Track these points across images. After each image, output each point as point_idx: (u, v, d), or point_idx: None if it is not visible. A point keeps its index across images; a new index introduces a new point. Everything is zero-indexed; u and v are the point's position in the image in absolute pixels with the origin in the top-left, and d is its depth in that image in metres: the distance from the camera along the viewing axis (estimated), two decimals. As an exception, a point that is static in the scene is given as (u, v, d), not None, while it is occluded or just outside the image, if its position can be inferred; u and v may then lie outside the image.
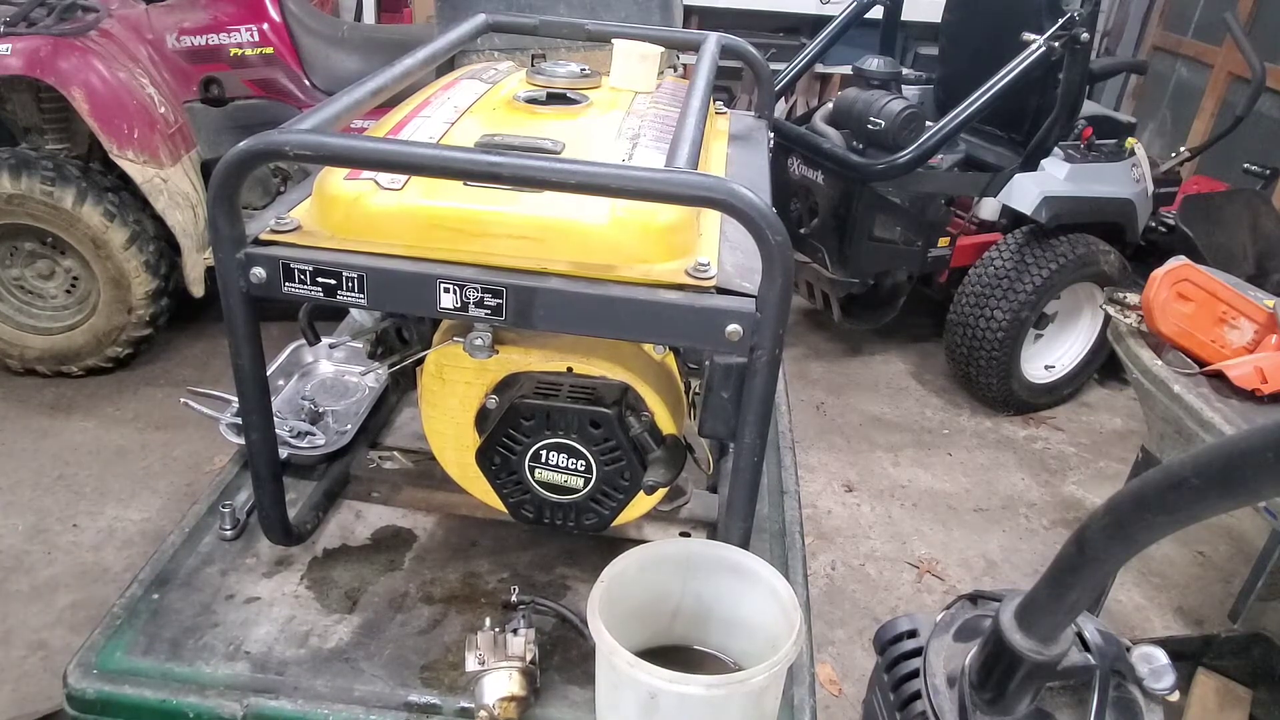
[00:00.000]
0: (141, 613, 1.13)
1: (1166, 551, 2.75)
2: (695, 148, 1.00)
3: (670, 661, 0.88)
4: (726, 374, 0.98)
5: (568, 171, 0.88)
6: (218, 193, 0.93)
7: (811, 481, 2.95)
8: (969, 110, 2.96)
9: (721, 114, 1.62)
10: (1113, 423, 3.46)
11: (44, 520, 2.49)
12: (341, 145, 0.90)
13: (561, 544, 1.29)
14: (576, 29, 1.53)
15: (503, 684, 0.97)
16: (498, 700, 0.97)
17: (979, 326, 3.19)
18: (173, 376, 3.19)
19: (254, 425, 1.08)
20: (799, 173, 3.30)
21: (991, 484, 3.04)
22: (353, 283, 0.97)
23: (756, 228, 0.87)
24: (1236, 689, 1.93)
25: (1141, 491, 0.66)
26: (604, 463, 1.09)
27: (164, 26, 3.08)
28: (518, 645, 1.00)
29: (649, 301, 0.95)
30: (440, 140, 1.14)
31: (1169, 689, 0.83)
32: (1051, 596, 0.76)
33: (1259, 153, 4.01)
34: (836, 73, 5.16)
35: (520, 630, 1.02)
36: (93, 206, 2.82)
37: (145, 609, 1.14)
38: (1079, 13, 2.89)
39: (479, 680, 0.98)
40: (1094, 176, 3.20)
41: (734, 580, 1.05)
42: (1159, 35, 5.37)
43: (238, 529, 1.25)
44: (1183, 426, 1.59)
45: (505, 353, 1.09)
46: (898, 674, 0.92)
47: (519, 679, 0.98)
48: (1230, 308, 1.69)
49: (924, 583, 2.57)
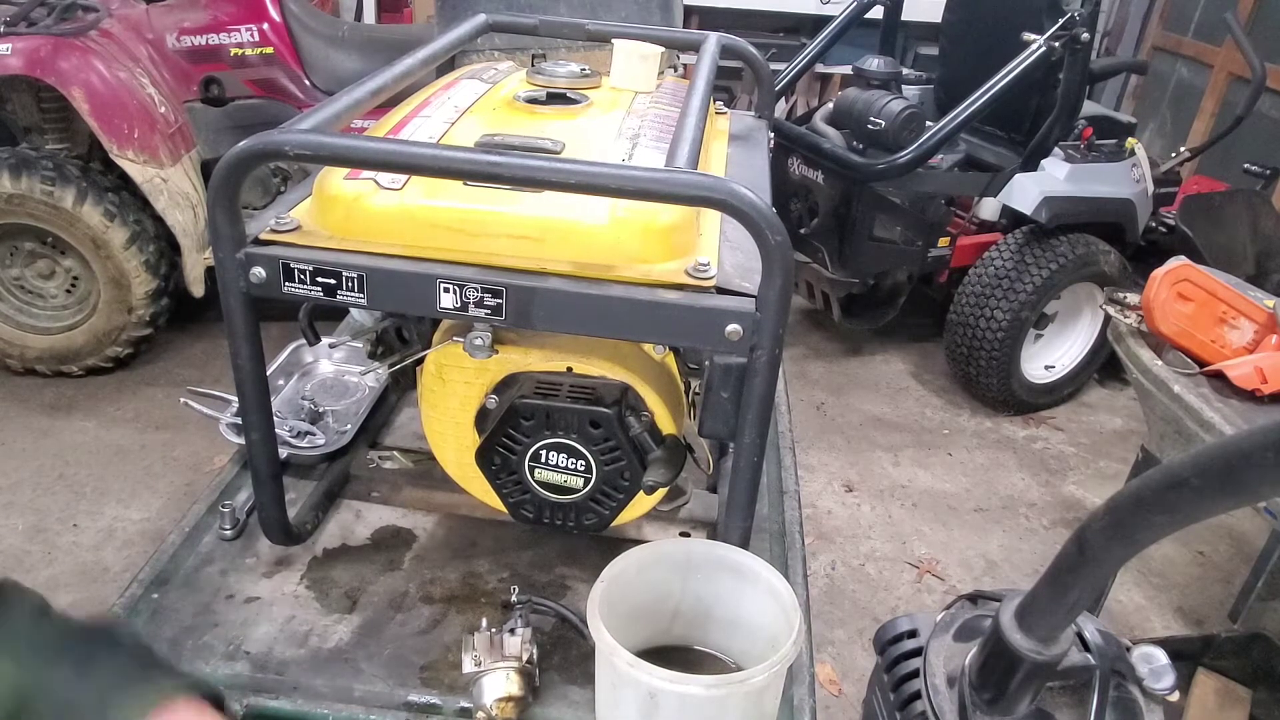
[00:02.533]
0: (141, 612, 1.13)
1: (1166, 551, 2.75)
2: (695, 148, 1.00)
3: (670, 661, 0.88)
4: (726, 374, 0.98)
5: (568, 171, 0.88)
6: (217, 192, 0.93)
7: (811, 481, 2.94)
8: (969, 110, 2.96)
9: (721, 114, 1.62)
10: (1113, 423, 3.46)
11: (44, 520, 2.49)
12: (341, 145, 0.90)
13: (561, 544, 1.29)
14: (576, 29, 1.53)
15: (500, 684, 0.97)
16: (495, 701, 0.97)
17: (979, 326, 3.19)
18: (173, 376, 3.19)
19: (254, 425, 1.08)
20: (799, 173, 3.30)
21: (991, 484, 3.04)
22: (352, 282, 0.97)
23: (756, 228, 0.87)
24: (1236, 689, 1.93)
25: (1141, 491, 0.66)
26: (604, 463, 1.09)
27: (164, 26, 3.08)
28: (515, 645, 1.00)
29: (649, 301, 0.95)
30: (440, 140, 1.14)
31: (1169, 689, 0.83)
32: (1051, 596, 0.76)
33: (1259, 153, 4.01)
34: (836, 73, 5.16)
35: (517, 630, 1.02)
36: (93, 206, 2.82)
37: (145, 609, 1.14)
38: (1079, 13, 2.89)
39: (477, 681, 0.98)
40: (1094, 177, 3.20)
41: (734, 580, 1.05)
42: (1159, 35, 5.37)
43: (238, 529, 1.25)
44: (1183, 426, 1.59)
45: (505, 352, 1.09)
46: (898, 674, 0.92)
47: (517, 679, 0.98)
48: (1230, 308, 1.69)
49: (924, 583, 2.57)
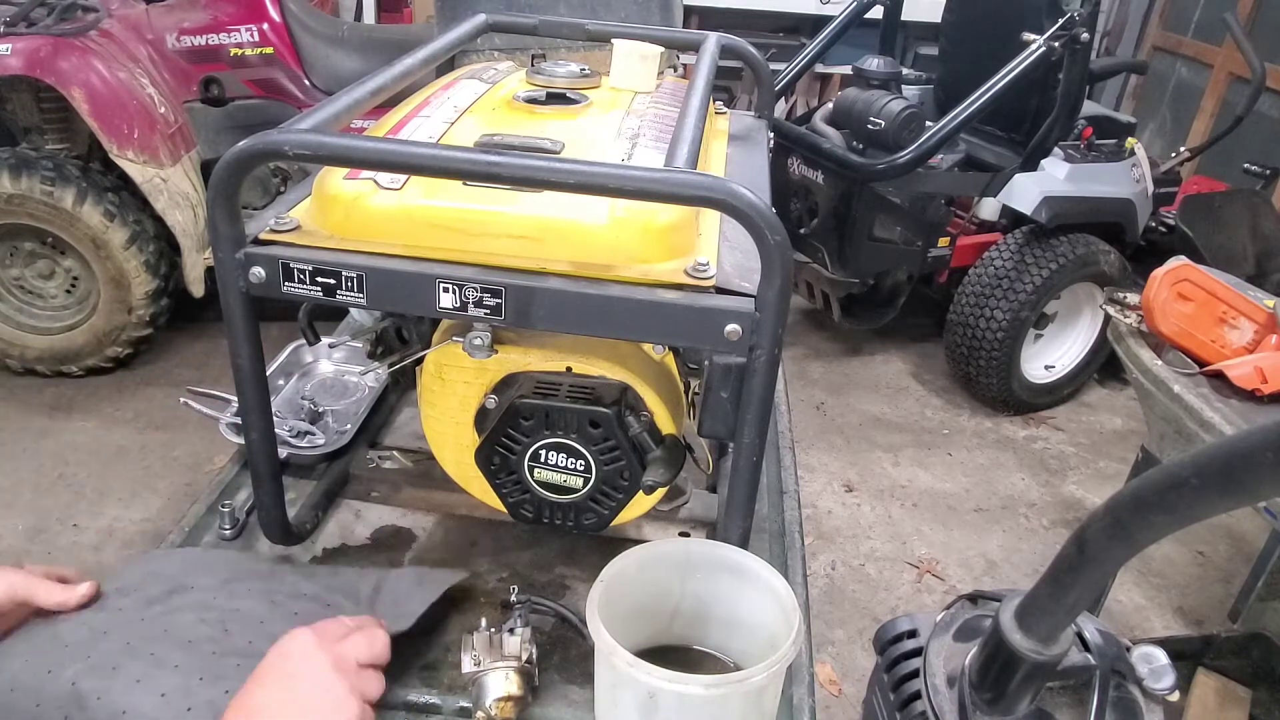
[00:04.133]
0: (141, 613, 1.13)
1: (1166, 551, 2.75)
2: (694, 148, 1.00)
3: (669, 661, 0.88)
4: (726, 374, 0.98)
5: (567, 171, 0.88)
6: (217, 192, 0.93)
7: (811, 481, 2.94)
8: (969, 110, 2.96)
9: (721, 114, 1.62)
10: (1113, 423, 3.46)
11: (44, 520, 2.49)
12: (341, 145, 0.90)
13: (561, 544, 1.29)
14: (576, 29, 1.52)
15: (499, 684, 0.97)
16: (495, 700, 0.97)
17: (979, 326, 3.19)
18: (173, 376, 3.19)
19: (254, 425, 1.08)
20: (799, 173, 3.30)
21: (991, 484, 3.04)
22: (352, 282, 0.97)
23: (756, 228, 0.87)
24: (1236, 689, 1.93)
25: (1141, 491, 0.66)
26: (603, 462, 1.09)
27: (164, 26, 3.08)
28: (514, 645, 1.00)
29: (648, 301, 0.95)
30: (440, 140, 1.14)
31: (1169, 689, 0.83)
32: (1051, 596, 0.76)
33: (1259, 153, 4.01)
34: (836, 73, 5.16)
35: (517, 630, 1.02)
36: (93, 206, 2.82)
37: (145, 609, 1.14)
38: (1079, 13, 2.89)
39: (476, 681, 0.98)
40: (1094, 176, 3.20)
41: (733, 580, 1.05)
42: (1159, 35, 5.37)
43: (237, 529, 1.25)
44: (1183, 426, 1.59)
45: (504, 352, 1.09)
46: (898, 674, 0.92)
47: (516, 679, 0.98)
48: (1230, 308, 1.69)
49: (924, 583, 2.57)
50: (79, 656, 0.91)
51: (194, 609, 1.01)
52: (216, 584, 1.06)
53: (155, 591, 1.03)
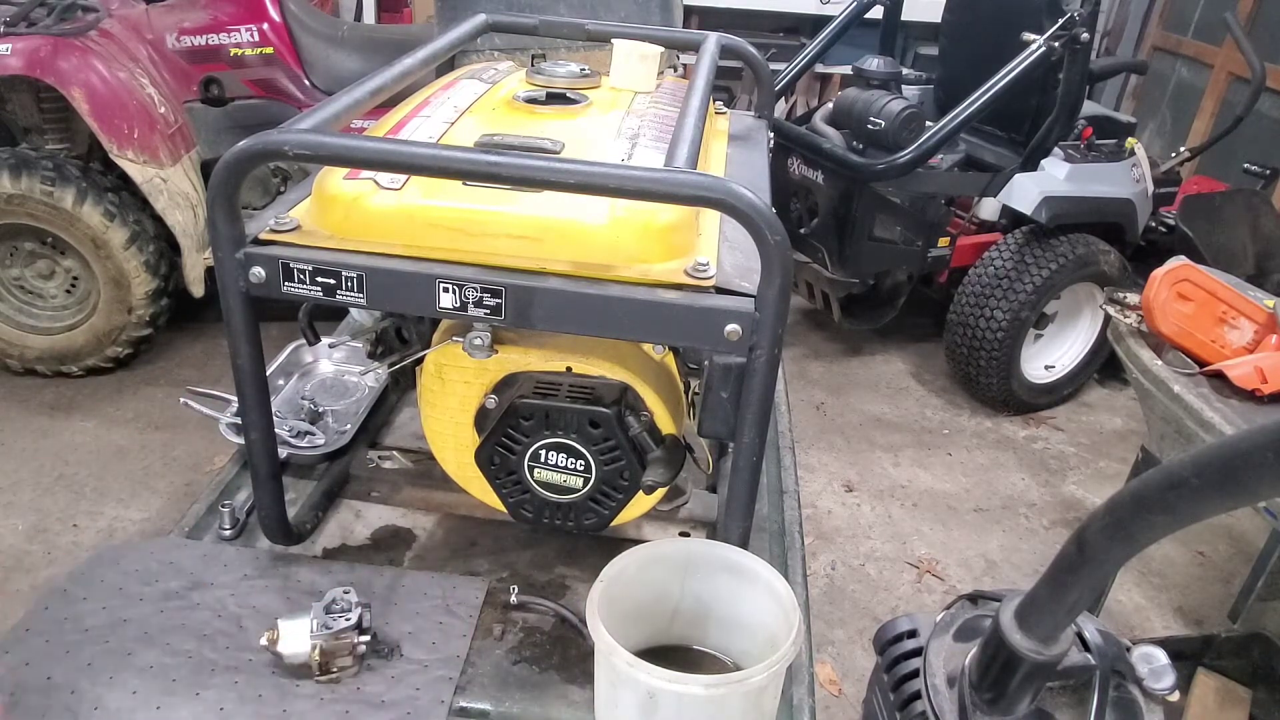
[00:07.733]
0: (141, 613, 1.13)
1: (1166, 551, 2.75)
2: (694, 148, 1.00)
3: (669, 661, 0.88)
4: (726, 374, 0.98)
5: (567, 171, 0.88)
6: (217, 192, 0.93)
7: (811, 481, 2.94)
8: (969, 110, 2.96)
9: (721, 114, 1.62)
10: (1113, 423, 3.46)
11: (44, 520, 2.49)
12: (341, 145, 0.90)
13: (561, 544, 1.29)
14: (576, 29, 1.52)
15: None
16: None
17: (979, 326, 3.19)
18: (173, 376, 3.19)
19: (254, 425, 1.08)
20: (799, 173, 3.30)
21: (991, 484, 3.04)
22: (352, 282, 0.97)
23: (755, 227, 0.87)
24: (1236, 689, 1.93)
25: (1141, 491, 0.66)
26: (603, 462, 1.09)
27: (164, 26, 3.08)
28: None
29: (648, 301, 0.95)
30: (440, 140, 1.14)
31: (1169, 689, 0.83)
32: (1051, 596, 0.76)
33: (1259, 153, 4.01)
34: (836, 73, 5.16)
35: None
36: (93, 206, 2.81)
37: (145, 609, 1.14)
38: (1079, 13, 2.89)
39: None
40: (1094, 176, 3.20)
41: (733, 580, 1.05)
42: (1159, 35, 5.37)
43: (237, 528, 1.25)
44: (1183, 426, 1.59)
45: (504, 352, 1.09)
46: (898, 674, 0.92)
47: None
48: (1230, 308, 1.68)
49: (924, 583, 2.57)
50: (98, 640, 0.98)
51: (211, 607, 1.07)
52: (234, 580, 1.12)
53: (175, 585, 1.09)
